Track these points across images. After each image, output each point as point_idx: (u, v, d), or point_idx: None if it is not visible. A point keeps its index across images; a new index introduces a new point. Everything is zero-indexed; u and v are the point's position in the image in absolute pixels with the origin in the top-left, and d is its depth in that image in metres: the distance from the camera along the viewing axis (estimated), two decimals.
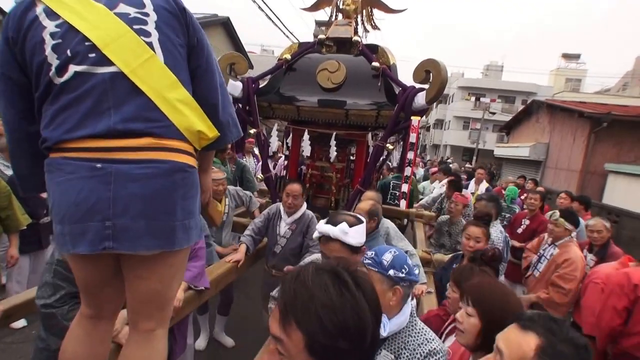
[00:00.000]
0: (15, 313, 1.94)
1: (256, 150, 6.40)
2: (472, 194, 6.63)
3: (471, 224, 2.92)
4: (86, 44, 1.13)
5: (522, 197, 6.88)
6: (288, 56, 3.95)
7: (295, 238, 3.11)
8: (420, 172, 10.30)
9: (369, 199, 3.22)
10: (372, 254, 1.52)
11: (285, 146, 4.58)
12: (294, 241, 3.11)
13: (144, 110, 1.13)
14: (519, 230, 4.66)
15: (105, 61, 1.12)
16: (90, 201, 1.08)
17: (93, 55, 1.13)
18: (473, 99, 32.52)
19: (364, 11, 4.32)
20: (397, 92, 3.50)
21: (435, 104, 3.83)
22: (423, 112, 3.42)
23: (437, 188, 6.18)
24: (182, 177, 1.17)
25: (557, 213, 3.40)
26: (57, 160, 1.13)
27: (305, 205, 3.21)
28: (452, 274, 2.03)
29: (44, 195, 3.68)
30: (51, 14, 1.16)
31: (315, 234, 1.96)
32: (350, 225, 1.80)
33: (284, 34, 12.38)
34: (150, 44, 1.18)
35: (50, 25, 1.15)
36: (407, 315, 1.46)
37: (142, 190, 1.09)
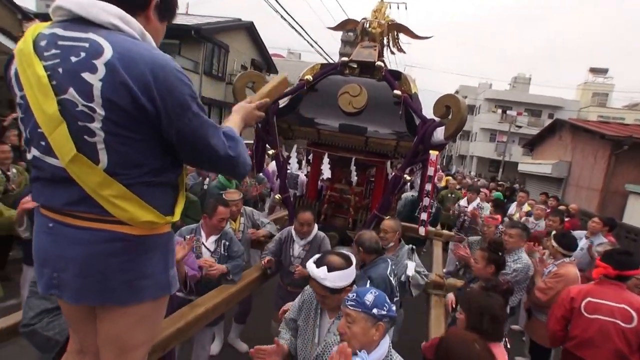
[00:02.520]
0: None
1: None
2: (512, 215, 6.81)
3: (480, 248, 3.28)
4: (39, 130, 1.15)
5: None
6: (309, 77, 3.87)
7: (309, 258, 3.20)
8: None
9: (387, 228, 3.33)
10: (353, 295, 1.66)
11: (307, 163, 4.59)
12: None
13: (85, 198, 1.18)
14: None
15: (51, 152, 1.16)
16: (44, 253, 1.26)
17: (43, 143, 1.17)
18: (500, 111, 32.08)
19: (390, 35, 4.30)
20: (417, 123, 3.48)
21: None
22: (441, 146, 3.42)
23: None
24: (122, 245, 1.22)
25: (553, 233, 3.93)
26: (36, 211, 1.30)
27: (316, 227, 3.38)
28: (461, 298, 2.23)
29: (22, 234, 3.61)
30: (17, 80, 1.17)
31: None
32: (331, 269, 1.93)
33: (308, 42, 12.54)
34: (93, 145, 1.14)
35: (17, 95, 1.19)
36: (385, 348, 1.63)
37: (79, 254, 1.20)
